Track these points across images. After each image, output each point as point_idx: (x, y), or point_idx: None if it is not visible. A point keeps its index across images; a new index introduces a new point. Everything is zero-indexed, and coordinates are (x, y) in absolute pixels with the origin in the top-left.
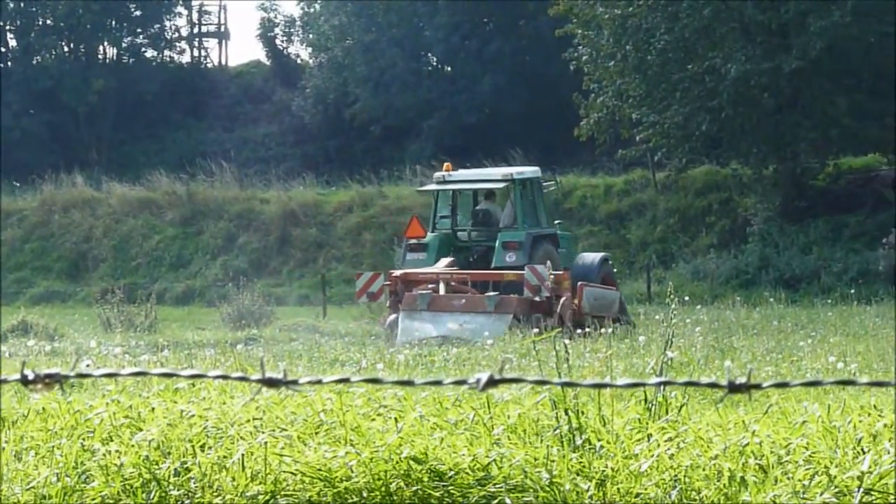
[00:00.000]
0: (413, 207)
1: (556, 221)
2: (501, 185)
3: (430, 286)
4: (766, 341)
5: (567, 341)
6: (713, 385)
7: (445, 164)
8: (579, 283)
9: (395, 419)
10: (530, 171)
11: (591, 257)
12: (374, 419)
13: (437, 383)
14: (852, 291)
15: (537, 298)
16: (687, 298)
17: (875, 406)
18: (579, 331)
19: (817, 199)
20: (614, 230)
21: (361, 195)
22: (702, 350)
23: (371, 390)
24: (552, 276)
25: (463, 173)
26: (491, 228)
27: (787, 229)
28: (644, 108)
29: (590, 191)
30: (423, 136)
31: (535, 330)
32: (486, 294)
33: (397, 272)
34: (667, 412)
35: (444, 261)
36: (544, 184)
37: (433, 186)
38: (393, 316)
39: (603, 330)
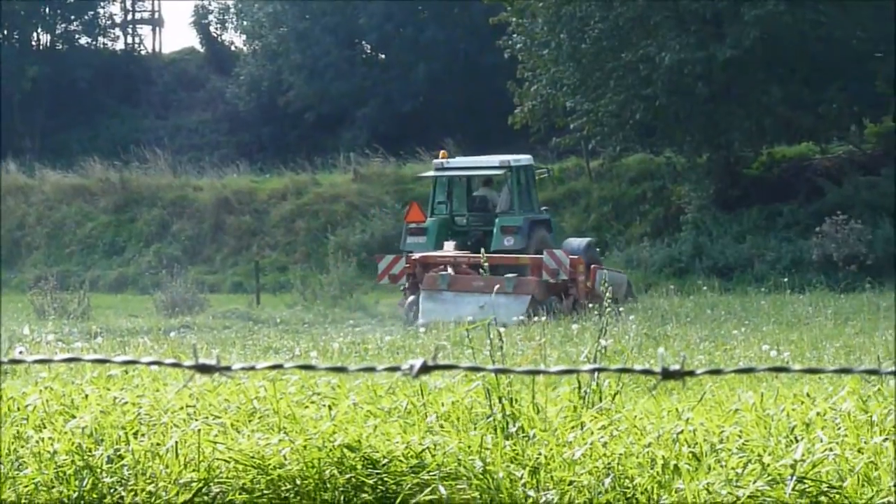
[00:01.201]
0: (346, 195)
1: (543, 208)
2: (499, 171)
3: (458, 269)
4: (699, 329)
5: (575, 326)
6: (647, 372)
7: (441, 151)
8: (592, 266)
9: (329, 407)
10: (525, 158)
11: (578, 242)
12: (307, 407)
13: (371, 370)
14: (785, 280)
15: (553, 280)
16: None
17: (808, 394)
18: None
19: (751, 188)
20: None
21: (295, 183)
22: (636, 338)
23: (305, 378)
24: (570, 260)
25: (461, 160)
26: (488, 214)
27: (720, 218)
28: (578, 96)
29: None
30: (357, 124)
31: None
32: (506, 276)
33: (416, 255)
34: (600, 400)
35: (450, 244)
36: (536, 171)
37: (431, 173)
38: (411, 297)
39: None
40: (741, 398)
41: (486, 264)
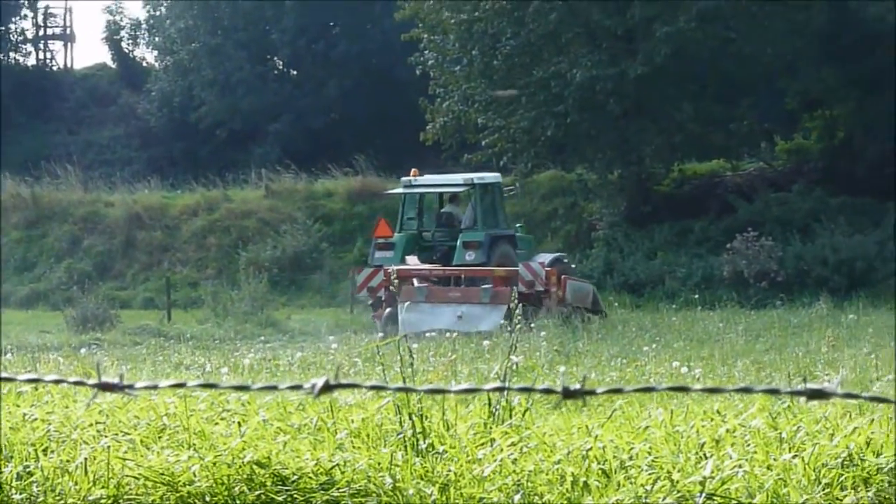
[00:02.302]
0: (258, 211)
1: (517, 224)
2: (463, 189)
3: (423, 281)
4: (610, 346)
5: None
6: (548, 391)
7: (413, 170)
8: (563, 276)
9: (239, 423)
10: (491, 176)
11: (546, 257)
12: (217, 423)
13: (273, 388)
14: (696, 296)
15: (528, 291)
16: None
17: (718, 411)
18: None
19: (662, 205)
20: None
21: (207, 199)
22: (546, 355)
23: (214, 394)
24: (545, 272)
25: (428, 178)
26: (453, 229)
27: (632, 234)
28: (490, 112)
29: (435, 196)
30: (269, 140)
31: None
32: (482, 286)
33: (393, 268)
34: (510, 416)
35: (412, 258)
36: (505, 188)
37: (400, 190)
38: (388, 309)
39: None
40: (651, 415)
41: (463, 276)
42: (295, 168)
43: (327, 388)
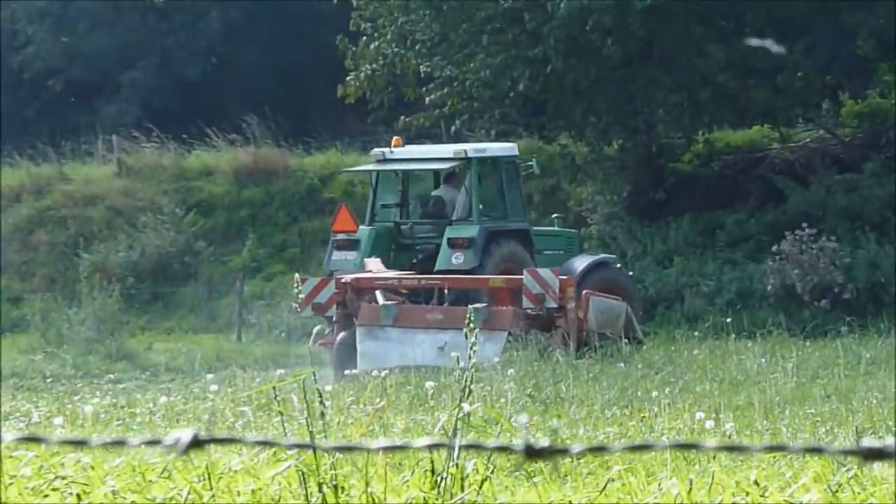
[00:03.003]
0: (107, 196)
1: (554, 216)
2: (450, 164)
3: (391, 296)
4: (606, 389)
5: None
6: (503, 449)
7: (395, 138)
8: (584, 292)
9: (78, 496)
10: (497, 148)
11: (582, 261)
12: (47, 495)
13: (122, 444)
14: (728, 320)
15: (536, 310)
16: None
17: (757, 482)
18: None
19: (681, 190)
20: None
21: (35, 178)
22: (515, 402)
23: (44, 454)
24: (559, 282)
25: (410, 150)
26: (441, 222)
27: (637, 231)
28: (437, 57)
29: (358, 175)
30: (122, 95)
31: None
32: (473, 306)
33: (347, 277)
34: (462, 488)
35: (374, 261)
36: (523, 164)
37: (371, 167)
38: (342, 334)
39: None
40: (662, 487)
41: (446, 290)
42: (159, 135)
43: (196, 443)
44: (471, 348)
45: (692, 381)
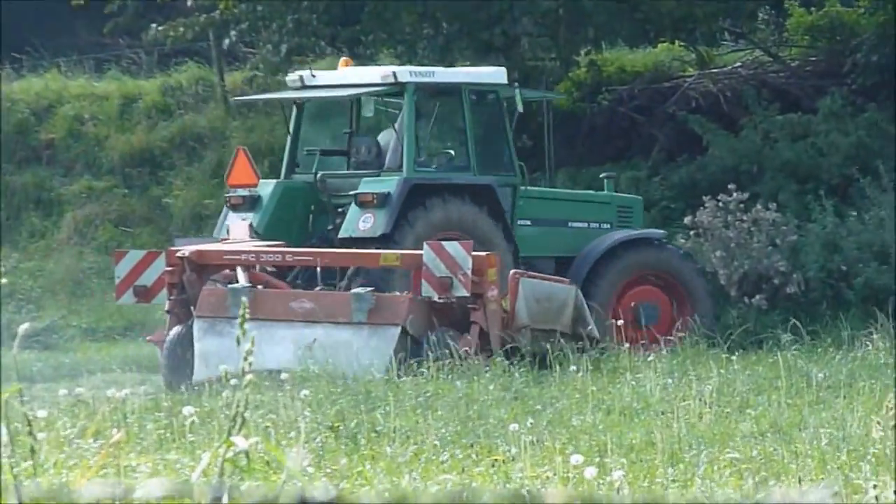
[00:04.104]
0: None
1: (604, 175)
2: (376, 89)
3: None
4: (444, 420)
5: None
6: None
7: (343, 58)
8: (512, 274)
9: None
10: (453, 73)
11: (607, 239)
12: None
13: None
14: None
15: (442, 299)
16: None
17: None
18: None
19: (554, 134)
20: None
21: None
22: (312, 436)
23: None
24: (471, 260)
25: (338, 75)
26: (371, 173)
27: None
28: None
29: (96, 102)
30: None
31: None
32: (355, 290)
33: (185, 250)
34: None
35: (240, 226)
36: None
37: (290, 94)
38: (177, 329)
39: None
40: None
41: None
42: None
43: None
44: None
45: (566, 410)
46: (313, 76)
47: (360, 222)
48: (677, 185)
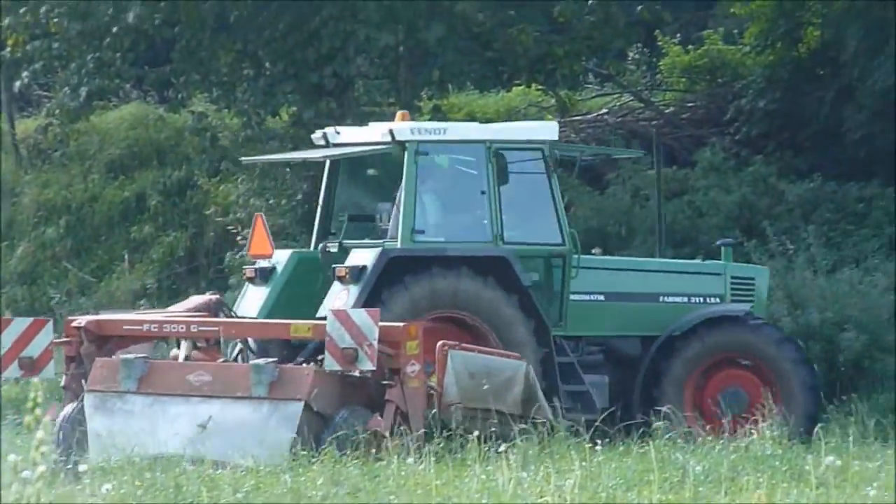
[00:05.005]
0: None
1: (721, 242)
2: (379, 149)
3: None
4: None
5: None
6: None
7: (400, 112)
8: (440, 346)
9: None
10: (462, 130)
11: (694, 316)
12: None
13: None
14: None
15: (351, 372)
16: None
17: None
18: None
19: (390, 186)
20: None
21: None
22: None
23: None
24: (377, 330)
25: (368, 130)
26: (378, 243)
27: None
28: None
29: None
30: None
31: None
32: (254, 362)
33: (84, 319)
34: None
35: (252, 300)
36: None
37: (322, 154)
38: (70, 407)
39: None
40: None
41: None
42: None
43: None
44: None
45: None
46: (337, 133)
47: (335, 299)
48: None
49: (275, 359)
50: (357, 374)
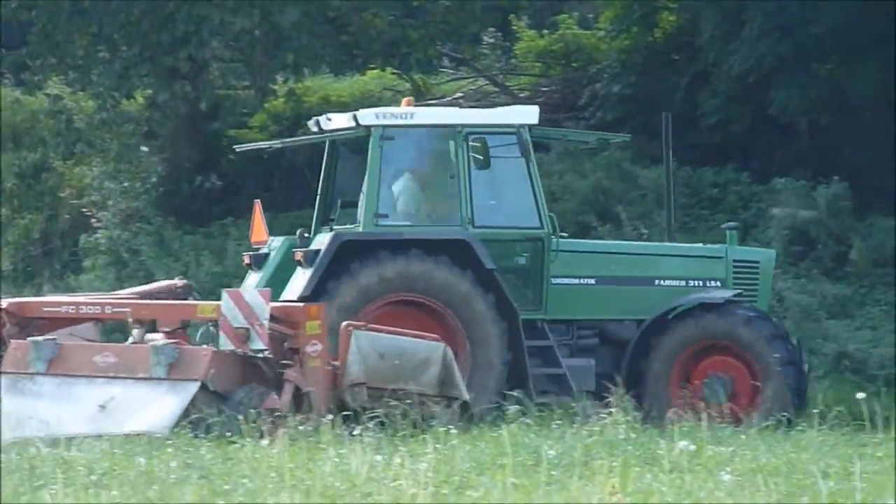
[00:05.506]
0: None
1: (727, 225)
2: (345, 134)
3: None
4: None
5: None
6: None
7: (406, 98)
8: (345, 326)
9: None
10: (455, 115)
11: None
12: None
13: None
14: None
15: (247, 352)
16: None
17: None
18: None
19: (248, 174)
20: None
21: None
22: None
23: None
24: (269, 308)
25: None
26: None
27: (171, 241)
28: None
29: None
30: None
31: None
32: (154, 342)
33: (6, 301)
34: None
35: (250, 287)
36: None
37: (305, 139)
38: None
39: None
40: None
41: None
42: None
43: None
44: None
45: (260, 491)
46: (329, 120)
47: (294, 283)
48: None
49: (176, 340)
50: (249, 353)
